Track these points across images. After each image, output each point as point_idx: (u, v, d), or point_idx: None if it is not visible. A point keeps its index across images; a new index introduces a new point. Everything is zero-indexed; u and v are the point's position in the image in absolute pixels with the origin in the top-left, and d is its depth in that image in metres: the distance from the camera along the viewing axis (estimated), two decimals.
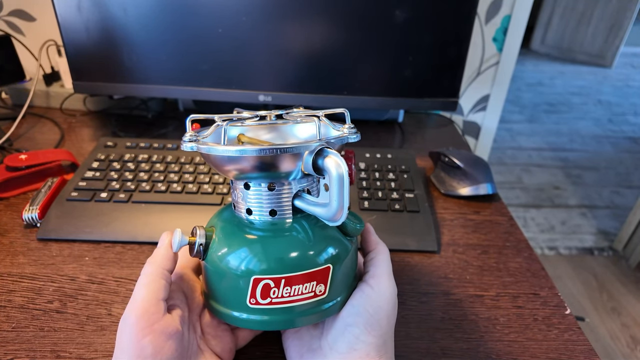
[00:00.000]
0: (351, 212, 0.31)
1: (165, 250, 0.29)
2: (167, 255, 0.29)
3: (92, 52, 0.59)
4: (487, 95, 0.86)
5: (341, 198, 0.25)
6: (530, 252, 0.47)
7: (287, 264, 0.27)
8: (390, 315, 0.29)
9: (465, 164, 0.55)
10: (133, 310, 0.25)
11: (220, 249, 0.28)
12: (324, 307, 0.28)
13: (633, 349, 1.22)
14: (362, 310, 0.28)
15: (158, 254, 0.29)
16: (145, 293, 0.26)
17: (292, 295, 0.27)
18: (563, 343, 0.37)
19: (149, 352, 0.25)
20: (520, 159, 2.20)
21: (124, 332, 0.25)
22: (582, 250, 1.59)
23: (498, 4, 0.77)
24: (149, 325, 0.25)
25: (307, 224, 0.29)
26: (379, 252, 0.32)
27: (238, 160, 0.26)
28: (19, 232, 0.46)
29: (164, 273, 0.28)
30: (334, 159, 0.24)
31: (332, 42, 0.59)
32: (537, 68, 3.57)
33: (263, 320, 0.28)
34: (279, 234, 0.28)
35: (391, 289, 0.30)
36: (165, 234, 0.30)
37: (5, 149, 0.61)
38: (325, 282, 0.28)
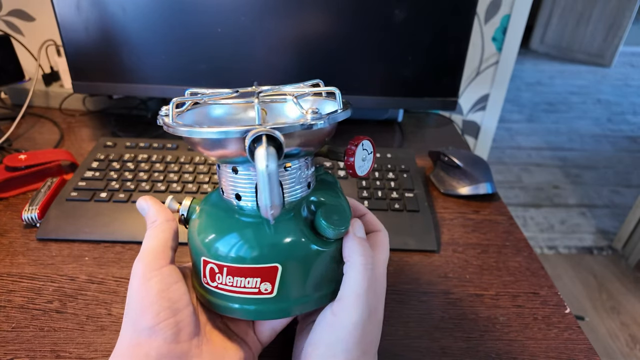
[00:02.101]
0: (337, 210, 0.28)
1: (161, 206, 0.30)
2: (164, 209, 0.30)
3: (91, 52, 0.59)
4: (486, 94, 0.86)
5: (265, 196, 0.22)
6: (529, 252, 0.47)
7: (229, 254, 0.26)
8: (351, 347, 0.25)
9: (465, 163, 0.55)
10: (141, 259, 0.26)
11: (191, 224, 0.29)
12: (273, 307, 0.27)
13: (632, 347, 1.22)
14: (319, 340, 0.26)
15: (157, 209, 0.29)
16: (154, 242, 0.27)
17: (235, 285, 0.26)
18: (563, 342, 0.37)
19: (155, 292, 0.25)
20: (519, 158, 2.20)
21: (133, 279, 0.26)
22: (582, 249, 1.60)
23: (497, 4, 0.77)
24: (156, 268, 0.26)
25: (285, 216, 0.27)
26: (351, 266, 0.27)
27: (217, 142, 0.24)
28: (19, 232, 0.46)
29: (168, 223, 0.29)
30: (262, 151, 0.21)
31: (331, 41, 0.59)
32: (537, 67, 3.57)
33: (212, 301, 0.28)
34: (241, 222, 0.27)
35: (356, 316, 0.25)
36: (144, 199, 0.30)
37: (5, 149, 0.61)
38: (272, 281, 0.26)
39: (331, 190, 0.30)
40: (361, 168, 0.30)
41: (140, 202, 0.30)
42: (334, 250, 0.28)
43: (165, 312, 0.25)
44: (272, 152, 0.21)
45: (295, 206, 0.28)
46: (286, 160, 0.27)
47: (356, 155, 0.29)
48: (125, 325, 0.26)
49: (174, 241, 0.28)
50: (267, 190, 0.21)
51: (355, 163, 0.29)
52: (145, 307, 0.25)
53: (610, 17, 3.39)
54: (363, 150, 0.29)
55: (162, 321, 0.25)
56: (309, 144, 0.26)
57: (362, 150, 0.29)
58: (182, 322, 0.25)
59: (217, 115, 0.32)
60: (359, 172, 0.30)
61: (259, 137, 0.22)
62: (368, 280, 0.26)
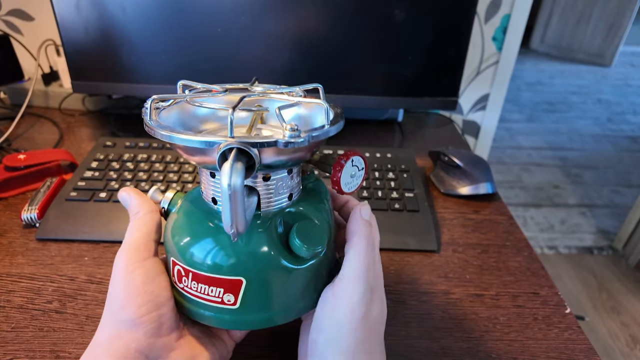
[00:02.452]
0: (313, 227, 0.26)
1: (144, 198, 0.29)
2: (147, 200, 0.29)
3: (90, 51, 0.59)
4: (486, 94, 0.86)
5: (225, 214, 0.21)
6: (530, 252, 0.47)
7: (195, 259, 0.25)
8: (357, 327, 0.25)
9: (465, 163, 0.55)
10: (123, 251, 0.26)
11: (168, 219, 0.29)
12: (236, 318, 0.26)
13: (632, 348, 1.22)
14: (323, 324, 0.25)
15: (139, 201, 0.29)
16: (137, 234, 0.27)
17: (198, 291, 0.26)
18: (563, 342, 0.37)
19: (137, 284, 0.25)
20: (519, 158, 2.20)
21: (115, 271, 0.26)
22: (582, 249, 1.60)
23: (497, 3, 0.77)
24: (140, 260, 0.26)
25: (258, 229, 0.26)
26: (353, 247, 0.27)
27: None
28: (18, 232, 0.46)
29: (151, 214, 0.28)
30: (226, 167, 0.20)
31: (331, 41, 0.59)
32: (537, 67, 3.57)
33: (178, 301, 0.27)
34: (211, 228, 0.26)
35: (358, 295, 0.25)
36: (123, 191, 0.30)
37: (4, 149, 0.60)
38: (235, 293, 0.25)
39: (316, 203, 0.29)
40: (348, 185, 0.28)
41: (122, 194, 0.30)
42: (310, 267, 0.26)
43: (147, 305, 0.25)
44: (238, 168, 0.20)
45: (272, 218, 0.26)
46: (266, 171, 0.25)
47: (343, 172, 0.27)
48: (106, 315, 0.26)
49: (157, 233, 0.28)
50: (228, 208, 0.20)
51: (341, 180, 0.27)
52: (128, 300, 0.25)
53: (610, 16, 3.38)
54: (352, 167, 0.28)
55: (145, 315, 0.25)
56: (291, 158, 0.25)
57: (352, 167, 0.28)
58: (163, 316, 0.26)
59: (203, 113, 0.30)
60: (345, 189, 0.28)
61: (230, 149, 0.21)
62: (369, 260, 0.26)
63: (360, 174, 0.29)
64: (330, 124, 0.25)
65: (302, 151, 0.25)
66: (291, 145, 0.22)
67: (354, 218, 0.28)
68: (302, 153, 0.25)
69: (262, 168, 0.24)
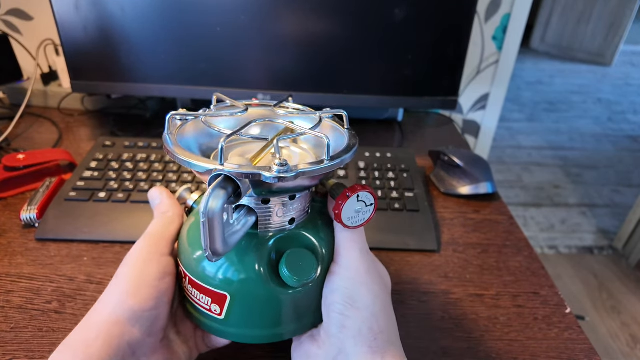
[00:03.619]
0: (304, 258, 0.27)
1: (174, 201, 0.31)
2: (177, 205, 0.31)
3: (90, 51, 0.59)
4: (486, 94, 0.86)
5: (202, 238, 0.21)
6: (530, 251, 0.47)
7: (191, 265, 0.27)
8: (369, 286, 0.27)
9: (465, 162, 0.55)
10: (146, 239, 0.28)
11: (187, 219, 0.30)
12: (222, 328, 0.27)
13: (633, 347, 1.22)
14: (337, 286, 0.27)
15: (170, 203, 0.30)
16: (162, 229, 0.29)
17: (194, 296, 0.28)
18: (563, 342, 0.37)
19: (153, 276, 0.26)
20: (520, 157, 2.20)
21: (134, 251, 0.27)
22: (582, 249, 1.59)
23: (497, 3, 0.77)
24: (159, 253, 0.27)
25: (254, 250, 0.26)
26: (338, 231, 0.29)
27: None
28: (17, 232, 0.46)
29: (179, 219, 0.30)
30: (207, 193, 0.21)
31: (331, 40, 0.59)
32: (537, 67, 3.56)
33: (182, 303, 0.30)
34: None
35: (364, 265, 0.27)
36: (156, 189, 0.32)
37: (3, 149, 0.60)
38: (221, 306, 0.27)
39: (322, 227, 0.29)
40: (352, 219, 0.27)
41: (153, 193, 0.31)
42: (300, 293, 0.27)
43: (153, 301, 0.25)
44: (218, 196, 0.21)
45: (268, 241, 0.27)
46: (266, 195, 0.26)
47: (346, 206, 0.27)
48: (111, 295, 0.26)
49: (176, 233, 0.29)
50: (203, 233, 0.21)
51: (342, 214, 0.27)
52: (138, 288, 0.25)
53: (610, 16, 3.38)
54: (359, 202, 0.27)
55: (147, 310, 0.25)
56: (287, 188, 0.25)
57: (358, 202, 0.27)
58: (160, 315, 0.26)
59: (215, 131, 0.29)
60: (348, 223, 0.27)
61: (217, 176, 0.22)
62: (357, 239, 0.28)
63: (367, 209, 0.28)
64: (331, 158, 0.24)
65: (302, 181, 0.24)
66: (276, 180, 0.22)
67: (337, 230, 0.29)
68: (302, 183, 0.25)
69: (261, 193, 0.25)
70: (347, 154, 0.26)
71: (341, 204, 0.26)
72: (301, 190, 0.27)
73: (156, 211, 0.31)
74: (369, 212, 0.28)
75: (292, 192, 0.26)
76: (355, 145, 0.27)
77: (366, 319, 0.26)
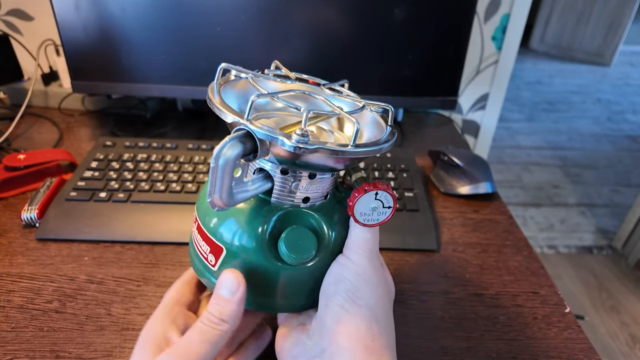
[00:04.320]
0: (304, 237, 0.26)
1: (238, 306, 0.25)
2: (242, 312, 0.26)
3: (90, 51, 0.59)
4: (486, 94, 0.86)
5: (209, 181, 0.22)
6: (529, 251, 0.47)
7: (202, 213, 0.28)
8: (375, 286, 0.27)
9: (465, 162, 0.55)
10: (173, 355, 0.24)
11: None
12: (213, 279, 0.28)
13: (632, 347, 1.22)
14: (341, 278, 0.26)
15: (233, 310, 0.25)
16: (199, 351, 0.24)
17: (197, 241, 0.29)
18: (562, 341, 0.37)
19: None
20: (519, 157, 2.20)
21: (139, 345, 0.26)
22: (582, 248, 1.60)
23: (497, 3, 0.77)
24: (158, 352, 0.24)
25: (261, 215, 0.26)
26: (353, 226, 0.28)
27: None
28: (18, 232, 0.46)
29: (230, 334, 0.25)
30: (221, 143, 0.22)
31: (331, 40, 0.59)
32: (536, 67, 3.57)
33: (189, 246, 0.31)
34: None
35: (373, 265, 0.27)
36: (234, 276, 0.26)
37: (4, 149, 0.60)
38: (216, 256, 0.27)
39: (330, 217, 0.28)
40: (365, 216, 0.27)
41: (230, 281, 0.25)
42: (294, 271, 0.27)
43: None
44: (233, 146, 0.21)
45: (278, 212, 0.27)
46: (286, 166, 0.26)
47: (360, 200, 0.26)
48: None
49: (215, 355, 0.25)
50: (210, 178, 0.22)
51: (355, 208, 0.26)
52: None
53: (610, 16, 3.38)
54: (376, 200, 0.26)
55: None
56: (306, 164, 0.24)
57: (375, 200, 0.26)
58: None
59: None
60: (360, 219, 0.27)
61: (240, 129, 0.23)
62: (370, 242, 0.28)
63: (384, 211, 0.27)
64: (356, 145, 0.24)
65: (322, 160, 0.24)
66: (292, 148, 0.22)
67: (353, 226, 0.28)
68: (322, 162, 0.24)
69: (281, 161, 0.25)
70: (374, 147, 0.25)
71: (357, 196, 0.26)
72: (321, 171, 0.26)
73: (214, 307, 0.25)
74: (385, 214, 0.27)
75: (312, 170, 0.26)
76: (388, 142, 0.26)
77: (366, 317, 0.25)
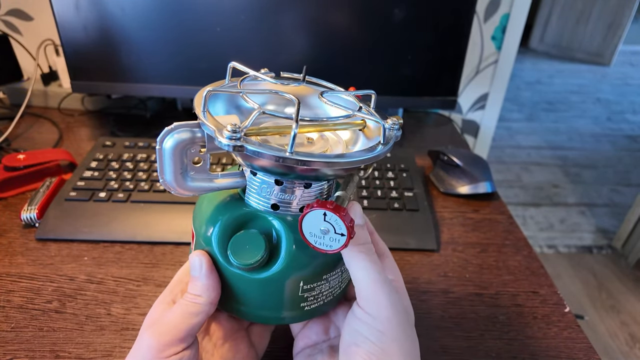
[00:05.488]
0: (252, 241, 0.25)
1: (214, 281, 0.26)
2: (215, 287, 0.26)
3: (90, 51, 0.59)
4: (485, 93, 0.86)
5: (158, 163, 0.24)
6: (529, 251, 0.47)
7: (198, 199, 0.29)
8: (403, 345, 0.23)
9: (464, 162, 0.55)
10: (158, 335, 0.24)
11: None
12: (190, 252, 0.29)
13: (632, 346, 1.22)
14: (363, 338, 0.23)
15: (208, 285, 0.25)
16: (180, 322, 0.24)
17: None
18: (562, 341, 0.37)
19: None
20: (519, 157, 2.20)
21: (140, 349, 0.24)
22: (581, 248, 1.60)
23: (497, 3, 0.77)
24: (165, 356, 0.23)
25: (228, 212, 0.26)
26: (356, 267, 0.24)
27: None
28: (18, 232, 0.46)
29: (208, 307, 0.25)
30: (167, 128, 0.23)
31: (330, 40, 0.59)
32: (536, 66, 3.57)
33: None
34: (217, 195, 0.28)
35: (395, 312, 0.23)
36: (197, 256, 0.26)
37: (3, 149, 0.60)
38: (193, 241, 0.29)
39: (295, 231, 0.26)
40: (316, 238, 0.23)
41: (195, 260, 0.26)
42: (244, 275, 0.26)
43: None
44: (178, 132, 0.23)
45: (245, 211, 0.26)
46: (251, 168, 0.25)
47: (307, 217, 0.23)
48: None
49: (200, 327, 0.25)
50: (162, 165, 0.23)
51: (303, 223, 0.23)
52: None
53: (609, 15, 3.38)
54: (325, 222, 0.23)
55: None
56: (267, 169, 0.24)
57: (324, 222, 0.23)
58: None
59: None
60: (311, 240, 0.24)
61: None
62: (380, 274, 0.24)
63: (337, 238, 0.23)
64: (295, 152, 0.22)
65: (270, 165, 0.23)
66: (217, 141, 0.21)
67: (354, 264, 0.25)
68: (274, 168, 0.23)
69: (247, 163, 0.24)
70: (322, 159, 0.22)
71: (304, 212, 0.23)
72: (282, 176, 0.25)
73: (189, 288, 0.25)
74: (339, 242, 0.23)
75: (273, 175, 0.25)
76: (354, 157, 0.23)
77: None
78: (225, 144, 0.21)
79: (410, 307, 0.27)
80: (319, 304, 0.28)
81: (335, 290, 0.29)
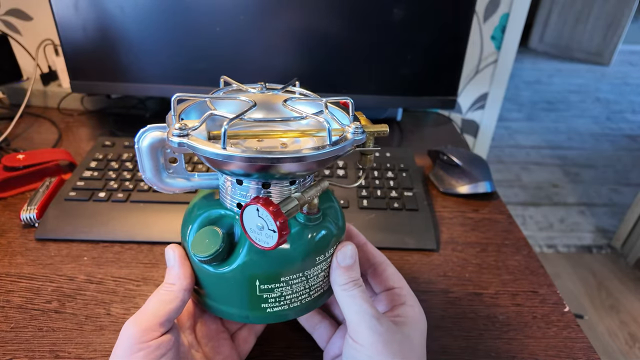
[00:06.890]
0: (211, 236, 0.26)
1: (186, 269, 0.27)
2: (188, 274, 0.27)
3: (89, 51, 0.59)
4: (485, 93, 0.86)
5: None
6: (529, 250, 0.47)
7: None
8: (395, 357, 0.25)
9: (464, 162, 0.55)
10: (135, 322, 0.25)
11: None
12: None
13: (632, 346, 1.22)
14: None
15: (181, 273, 0.27)
16: (156, 308, 0.26)
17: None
18: (562, 340, 0.37)
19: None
20: (518, 157, 2.20)
21: (122, 340, 0.25)
22: (581, 248, 1.60)
23: (496, 2, 0.77)
24: (145, 340, 0.24)
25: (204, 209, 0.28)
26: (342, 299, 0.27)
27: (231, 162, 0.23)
28: (17, 232, 0.46)
29: (183, 293, 0.27)
30: (142, 129, 0.26)
31: (330, 40, 0.59)
32: (536, 66, 3.57)
33: None
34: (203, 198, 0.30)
35: (380, 339, 0.25)
36: (171, 248, 0.28)
37: (3, 149, 0.60)
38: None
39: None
40: (256, 234, 0.24)
41: (169, 253, 0.28)
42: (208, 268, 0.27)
43: None
44: (152, 132, 0.26)
45: (217, 208, 0.28)
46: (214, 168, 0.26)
47: (245, 214, 0.24)
48: None
49: (178, 312, 0.26)
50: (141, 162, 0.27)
51: (243, 217, 0.24)
52: None
53: (609, 15, 3.38)
54: (259, 218, 0.23)
55: None
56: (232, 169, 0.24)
57: (258, 218, 0.23)
58: None
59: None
60: (252, 236, 0.24)
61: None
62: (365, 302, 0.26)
63: (270, 234, 0.23)
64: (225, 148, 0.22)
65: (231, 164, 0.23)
66: (168, 139, 0.24)
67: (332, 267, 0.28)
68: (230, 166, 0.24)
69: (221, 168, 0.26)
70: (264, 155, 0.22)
71: (243, 207, 0.24)
72: (239, 176, 0.26)
73: (166, 277, 0.28)
74: (273, 238, 0.23)
75: (234, 175, 0.26)
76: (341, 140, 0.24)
77: None
78: (172, 141, 0.23)
79: (421, 314, 0.29)
80: (283, 307, 0.28)
81: (303, 297, 0.28)
